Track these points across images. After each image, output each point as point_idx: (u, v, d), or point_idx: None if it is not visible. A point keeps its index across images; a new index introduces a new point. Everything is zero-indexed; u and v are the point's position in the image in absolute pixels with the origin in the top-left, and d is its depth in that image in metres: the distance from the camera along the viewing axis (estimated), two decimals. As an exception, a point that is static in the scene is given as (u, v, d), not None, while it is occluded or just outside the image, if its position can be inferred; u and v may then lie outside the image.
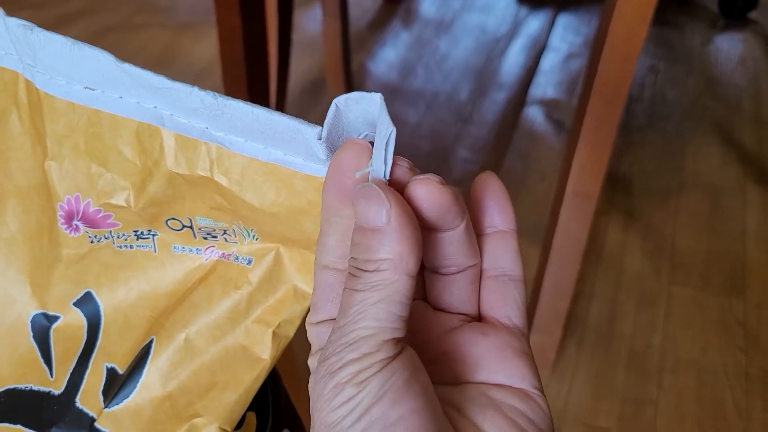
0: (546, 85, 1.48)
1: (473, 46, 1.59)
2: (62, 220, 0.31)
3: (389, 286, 0.21)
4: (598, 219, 1.14)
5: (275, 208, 0.27)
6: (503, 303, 0.25)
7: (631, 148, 1.35)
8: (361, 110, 0.23)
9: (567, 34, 1.66)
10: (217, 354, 0.32)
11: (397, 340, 0.21)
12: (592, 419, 0.91)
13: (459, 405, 0.23)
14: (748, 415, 0.92)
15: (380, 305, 0.21)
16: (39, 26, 0.26)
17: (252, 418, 0.35)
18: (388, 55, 1.54)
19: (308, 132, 0.24)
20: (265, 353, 0.32)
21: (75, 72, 0.27)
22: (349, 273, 0.22)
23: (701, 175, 1.30)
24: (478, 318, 0.26)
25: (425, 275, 0.26)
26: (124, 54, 0.26)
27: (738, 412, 0.92)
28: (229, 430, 0.32)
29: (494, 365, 0.24)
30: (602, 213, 1.19)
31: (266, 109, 0.24)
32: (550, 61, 1.56)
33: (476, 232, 0.25)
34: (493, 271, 0.25)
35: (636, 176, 1.29)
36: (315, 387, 0.21)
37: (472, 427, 0.22)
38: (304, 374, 0.27)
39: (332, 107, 0.23)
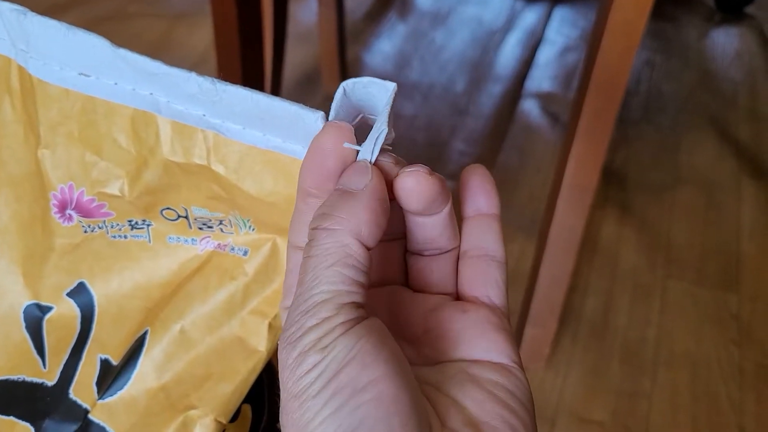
0: (542, 78, 1.48)
1: (469, 39, 1.59)
2: (55, 210, 0.31)
3: (341, 249, 0.21)
4: (593, 213, 1.14)
5: (273, 197, 0.27)
6: (484, 283, 0.25)
7: (626, 142, 1.34)
8: (367, 94, 0.23)
9: (563, 27, 1.65)
10: (213, 345, 0.32)
11: (356, 305, 0.21)
12: (586, 413, 0.91)
13: (437, 383, 0.23)
14: (741, 409, 0.92)
15: (334, 268, 0.21)
16: (31, 12, 0.26)
17: (247, 410, 0.35)
18: (384, 47, 1.53)
19: (309, 117, 0.24)
20: (261, 345, 0.32)
21: (69, 58, 0.26)
22: (308, 240, 0.22)
23: (696, 169, 1.30)
24: (457, 298, 0.26)
25: (407, 258, 0.26)
26: (117, 44, 0.25)
27: (731, 406, 0.92)
28: (224, 422, 0.32)
29: (473, 341, 0.24)
30: (597, 207, 1.18)
31: (266, 94, 0.24)
32: (546, 54, 1.55)
33: (461, 216, 0.26)
34: (475, 251, 0.26)
35: (631, 170, 1.29)
36: (279, 358, 0.21)
37: (451, 402, 0.22)
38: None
39: (339, 90, 0.23)
